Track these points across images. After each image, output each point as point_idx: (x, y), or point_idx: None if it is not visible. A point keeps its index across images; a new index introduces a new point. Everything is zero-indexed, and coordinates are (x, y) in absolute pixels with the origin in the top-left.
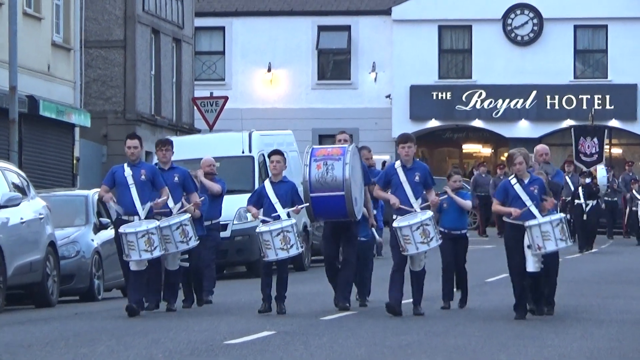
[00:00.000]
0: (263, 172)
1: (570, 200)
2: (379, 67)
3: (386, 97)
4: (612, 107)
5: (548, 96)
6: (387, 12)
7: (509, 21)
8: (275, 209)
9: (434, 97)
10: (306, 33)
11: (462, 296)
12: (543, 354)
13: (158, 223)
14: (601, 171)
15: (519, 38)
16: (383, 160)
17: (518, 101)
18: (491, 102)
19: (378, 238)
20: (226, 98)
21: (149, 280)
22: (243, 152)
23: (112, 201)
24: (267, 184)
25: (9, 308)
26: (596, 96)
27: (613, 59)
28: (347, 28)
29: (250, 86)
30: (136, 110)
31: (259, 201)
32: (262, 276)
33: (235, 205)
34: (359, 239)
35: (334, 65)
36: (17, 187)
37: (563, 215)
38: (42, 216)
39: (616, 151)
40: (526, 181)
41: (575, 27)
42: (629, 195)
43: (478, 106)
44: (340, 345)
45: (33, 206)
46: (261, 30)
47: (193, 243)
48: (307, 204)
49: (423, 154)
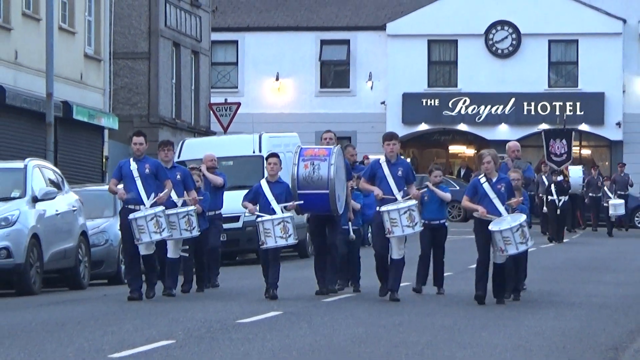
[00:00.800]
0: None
1: (545, 196)
2: (375, 77)
3: (381, 104)
4: (582, 113)
5: (525, 103)
6: (382, 28)
7: (491, 36)
8: (271, 207)
9: (424, 104)
10: (310, 46)
11: (440, 281)
12: (520, 333)
13: (163, 208)
14: (577, 172)
15: (500, 51)
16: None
17: (498, 107)
18: (474, 108)
19: (351, 234)
20: (239, 104)
21: (155, 267)
22: (254, 152)
23: (123, 195)
24: (264, 183)
25: (46, 290)
26: (568, 103)
27: (583, 70)
28: (347, 42)
29: (260, 93)
30: (159, 114)
31: (255, 198)
32: (263, 265)
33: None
34: (343, 227)
35: (335, 75)
36: (53, 183)
37: (523, 218)
38: (75, 208)
39: (585, 152)
40: (494, 180)
41: (549, 42)
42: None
43: (463, 112)
44: (340, 324)
45: (67, 199)
46: (270, 43)
47: (195, 233)
48: (302, 202)
49: (414, 154)
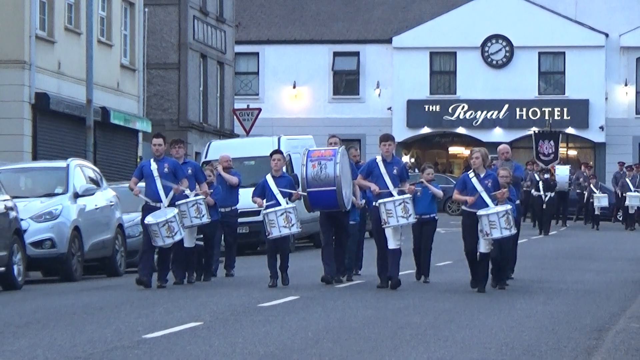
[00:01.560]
0: (289, 169)
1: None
2: (382, 85)
3: (388, 109)
4: (569, 118)
5: (517, 108)
6: (389, 41)
7: (486, 48)
8: (277, 199)
9: (426, 109)
10: (324, 57)
11: (426, 270)
12: (513, 315)
13: (176, 211)
14: (564, 170)
15: (494, 62)
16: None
17: (493, 113)
18: (472, 113)
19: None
20: (260, 109)
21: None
22: (282, 154)
23: (140, 194)
24: (269, 178)
25: (86, 277)
26: (556, 109)
27: (569, 79)
28: (357, 54)
29: (279, 100)
30: (187, 119)
31: (263, 193)
32: (268, 256)
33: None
34: (349, 223)
35: (346, 83)
36: (92, 180)
37: (509, 207)
38: (113, 203)
39: (572, 153)
40: (482, 175)
41: (539, 54)
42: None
43: (461, 116)
44: (351, 307)
45: (105, 195)
46: (288, 55)
47: (205, 220)
48: (305, 193)
49: (417, 155)
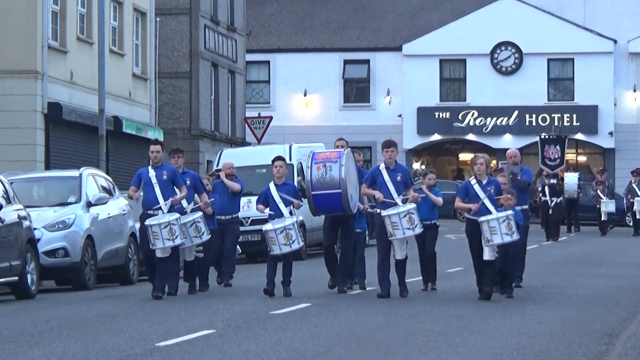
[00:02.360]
0: (301, 176)
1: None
2: (393, 92)
3: (398, 116)
4: (578, 124)
5: (527, 115)
6: (399, 49)
7: (496, 55)
8: (279, 207)
9: (436, 116)
10: (334, 65)
11: (433, 276)
12: (524, 321)
13: (178, 216)
14: (572, 178)
15: (504, 69)
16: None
17: (503, 119)
18: (482, 120)
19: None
20: (271, 117)
21: (170, 269)
22: (284, 161)
23: (138, 196)
24: (272, 186)
25: (99, 285)
26: (565, 115)
27: (578, 85)
28: (367, 61)
29: (290, 108)
30: (199, 127)
31: (266, 200)
32: (268, 266)
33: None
34: (356, 231)
35: (357, 91)
36: (105, 189)
37: (510, 212)
38: (125, 212)
39: (581, 159)
40: (484, 182)
41: (548, 60)
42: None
43: (471, 123)
44: (362, 314)
45: (118, 204)
46: (298, 63)
47: (205, 237)
48: (301, 204)
49: (427, 161)
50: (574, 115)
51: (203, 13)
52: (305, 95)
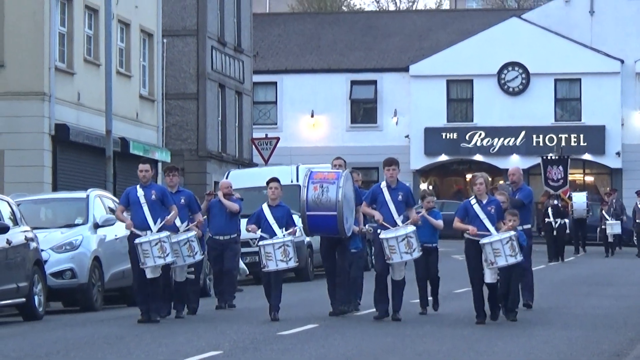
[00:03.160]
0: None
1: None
2: (400, 113)
3: (405, 137)
4: (585, 144)
5: (534, 135)
6: (406, 70)
7: (503, 76)
8: (272, 230)
9: (444, 137)
10: (341, 86)
11: (435, 301)
12: (531, 342)
13: (168, 233)
14: (581, 197)
15: (511, 89)
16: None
17: (510, 139)
18: (489, 140)
19: (367, 227)
20: (278, 138)
21: (160, 291)
22: (292, 182)
23: (131, 226)
24: (265, 208)
25: (106, 307)
26: (572, 135)
27: (585, 106)
28: (374, 82)
29: (297, 129)
30: (206, 148)
31: (258, 222)
32: (265, 290)
33: None
34: (351, 250)
35: (364, 111)
36: (112, 211)
37: (514, 232)
38: None
39: (589, 179)
40: (484, 201)
41: (555, 80)
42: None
43: (478, 144)
44: (370, 334)
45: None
46: (306, 84)
47: (198, 257)
48: (297, 227)
49: (435, 182)
50: (581, 135)
51: (210, 34)
52: (312, 116)
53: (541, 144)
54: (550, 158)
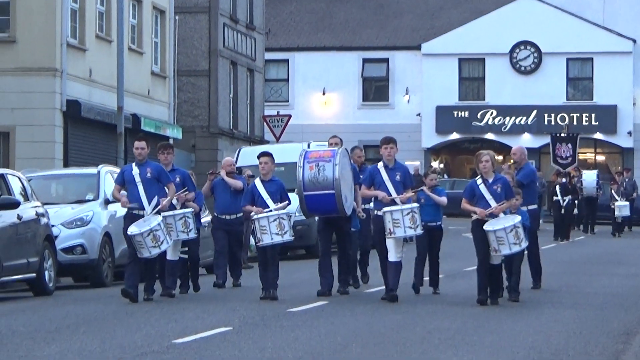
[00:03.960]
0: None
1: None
2: (412, 91)
3: (417, 115)
4: (597, 123)
5: (546, 114)
6: (418, 48)
7: (515, 55)
8: (267, 205)
9: (455, 115)
10: (353, 64)
11: (435, 281)
12: (541, 320)
13: (160, 219)
14: (591, 175)
15: (523, 68)
16: (414, 166)
17: (522, 118)
18: (500, 119)
19: (362, 213)
20: (289, 116)
21: (156, 271)
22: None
23: (126, 203)
24: (258, 183)
25: (117, 283)
26: (584, 114)
27: (597, 85)
28: (386, 60)
29: (308, 106)
30: (218, 125)
31: (253, 199)
32: (260, 267)
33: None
34: (352, 231)
35: (376, 89)
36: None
37: (518, 219)
38: None
39: (600, 158)
40: (490, 180)
41: (567, 60)
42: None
43: (490, 122)
44: (379, 312)
45: None
46: (317, 62)
47: (192, 235)
48: (288, 202)
49: (446, 160)
50: (593, 114)
51: (222, 11)
52: (324, 93)
53: (552, 123)
54: (559, 135)
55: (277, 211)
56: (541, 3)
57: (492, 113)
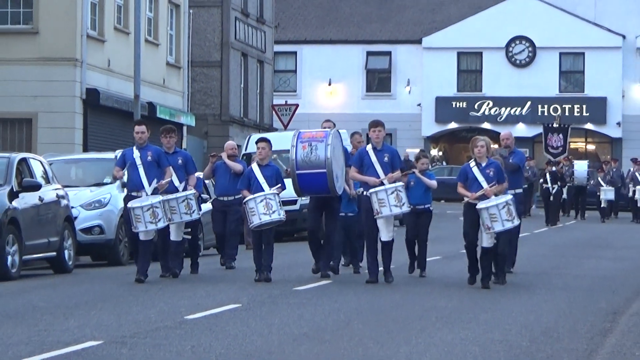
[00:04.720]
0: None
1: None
2: (413, 83)
3: (417, 105)
4: (588, 114)
5: (539, 105)
6: (419, 42)
7: (510, 49)
8: (262, 188)
9: (454, 106)
10: (357, 57)
11: (422, 265)
12: (532, 300)
13: (161, 198)
14: (582, 165)
15: (518, 61)
16: (414, 153)
17: (516, 109)
18: (496, 110)
19: (357, 190)
20: (297, 105)
21: (151, 252)
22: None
23: (120, 174)
24: (255, 167)
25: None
26: (575, 106)
27: (588, 78)
28: (389, 53)
29: (315, 96)
30: (229, 113)
31: (250, 183)
32: (254, 249)
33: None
34: (348, 215)
35: (379, 81)
36: None
37: (510, 197)
38: None
39: (590, 147)
40: (483, 164)
41: (560, 54)
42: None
43: (486, 113)
44: (380, 291)
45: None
46: (324, 54)
47: (195, 216)
48: (281, 186)
49: (445, 148)
50: (584, 106)
51: (234, 5)
52: (329, 84)
53: (546, 114)
54: (551, 126)
55: (265, 192)
56: (536, 0)
57: (489, 104)
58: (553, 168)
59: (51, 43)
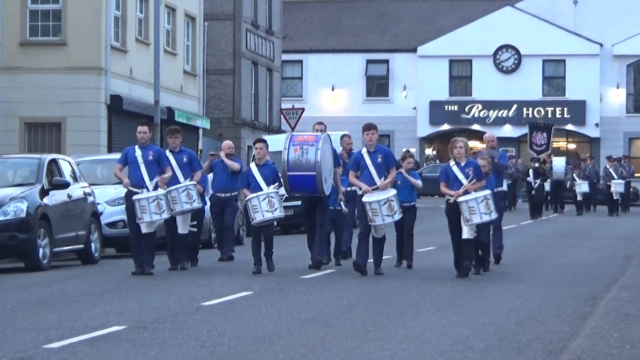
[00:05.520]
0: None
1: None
2: (409, 88)
3: (413, 109)
4: (569, 116)
5: (524, 108)
6: (414, 50)
7: (498, 56)
8: (260, 187)
9: (446, 109)
10: (358, 65)
11: (409, 256)
12: (519, 286)
13: (165, 191)
14: (560, 162)
15: (504, 68)
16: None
17: (503, 112)
18: (485, 112)
19: (344, 209)
20: (303, 109)
21: (154, 245)
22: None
23: (128, 184)
24: (253, 167)
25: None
26: (557, 108)
27: (569, 83)
28: (387, 61)
29: (319, 101)
30: (241, 117)
31: (248, 182)
32: (253, 242)
33: None
34: (336, 209)
35: (377, 86)
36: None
37: (488, 192)
38: None
39: (571, 146)
40: (463, 164)
41: (543, 61)
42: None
43: (476, 115)
44: (381, 279)
45: None
46: (327, 62)
47: (196, 205)
48: (278, 184)
49: (438, 148)
50: (565, 108)
51: (245, 18)
52: (333, 90)
53: (530, 116)
54: (536, 124)
55: (267, 191)
56: (520, 12)
57: (478, 107)
58: (536, 164)
59: (78, 53)
